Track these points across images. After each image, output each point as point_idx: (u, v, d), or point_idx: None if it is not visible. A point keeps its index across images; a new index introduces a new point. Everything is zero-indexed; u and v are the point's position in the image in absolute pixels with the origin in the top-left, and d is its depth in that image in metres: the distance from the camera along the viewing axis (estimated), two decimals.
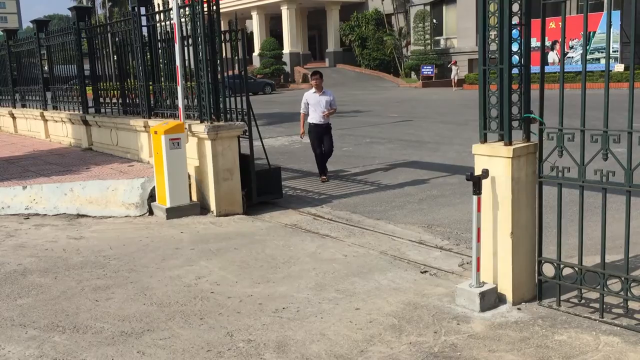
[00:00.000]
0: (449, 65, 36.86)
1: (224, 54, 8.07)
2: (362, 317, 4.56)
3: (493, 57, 4.57)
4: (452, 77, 35.90)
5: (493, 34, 4.53)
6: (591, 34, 29.60)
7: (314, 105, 10.03)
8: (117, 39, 10.65)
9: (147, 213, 8.06)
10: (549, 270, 4.64)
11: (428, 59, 40.60)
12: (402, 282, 5.26)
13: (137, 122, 9.77)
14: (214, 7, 7.84)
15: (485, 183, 4.61)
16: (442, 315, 4.52)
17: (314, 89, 10.11)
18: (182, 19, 8.22)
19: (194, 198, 8.14)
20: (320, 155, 10.12)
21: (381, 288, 5.14)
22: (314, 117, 10.04)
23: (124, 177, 8.70)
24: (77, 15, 11.50)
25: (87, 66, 11.64)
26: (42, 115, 14.38)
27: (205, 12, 7.81)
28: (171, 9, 8.23)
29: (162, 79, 9.34)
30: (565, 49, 4.94)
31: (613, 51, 29.68)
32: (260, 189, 8.26)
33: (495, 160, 4.56)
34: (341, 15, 48.21)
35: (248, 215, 7.92)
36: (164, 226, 7.49)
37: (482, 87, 4.64)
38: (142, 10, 9.29)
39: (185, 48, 8.38)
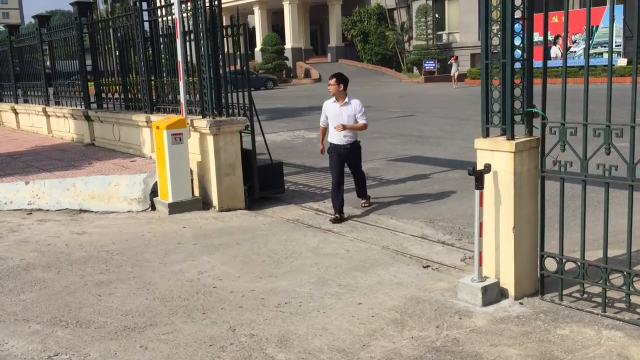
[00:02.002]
0: (449, 62, 36.19)
1: (225, 49, 8.06)
2: (365, 311, 4.56)
3: (495, 51, 4.55)
4: (452, 74, 34.34)
5: (495, 28, 4.51)
6: (594, 29, 29.51)
7: (332, 118, 7.61)
8: (119, 34, 10.64)
9: (150, 208, 8.07)
10: (551, 264, 4.64)
11: (430, 53, 40.48)
12: (404, 277, 5.27)
13: (139, 118, 9.77)
14: (216, 2, 7.83)
15: (488, 178, 4.61)
16: (444, 310, 4.52)
17: (334, 98, 7.67)
18: (184, 14, 8.21)
19: (196, 193, 8.14)
20: (338, 186, 7.53)
21: (383, 283, 5.15)
22: (333, 135, 7.59)
23: (126, 173, 8.71)
24: (79, 11, 11.49)
25: (89, 61, 11.64)
26: (45, 111, 14.38)
27: (207, 7, 7.80)
28: (173, 4, 8.22)
29: (164, 74, 9.33)
30: (568, 44, 4.92)
31: (616, 45, 29.58)
32: (263, 184, 8.26)
33: (497, 154, 4.56)
34: (343, 10, 48.07)
35: (250, 210, 7.92)
36: (166, 221, 7.50)
37: (484, 82, 4.63)
38: (144, 5, 9.29)
39: (187, 43, 8.38)
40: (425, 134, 14.86)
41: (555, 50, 30.92)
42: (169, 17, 8.89)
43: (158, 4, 9.25)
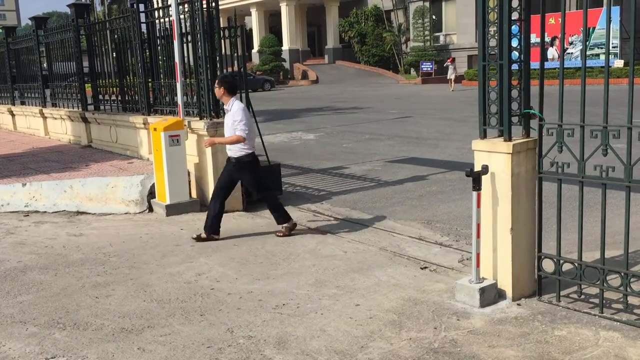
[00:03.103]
0: (445, 64, 35.65)
1: (223, 51, 8.06)
2: (362, 313, 4.56)
3: (493, 53, 4.56)
4: (448, 76, 31.93)
5: (493, 29, 4.52)
6: (591, 30, 29.57)
7: (224, 125, 6.76)
8: (116, 35, 10.64)
9: (147, 210, 8.06)
10: (548, 265, 4.64)
11: (427, 55, 40.56)
12: (402, 278, 5.27)
13: (137, 119, 9.77)
14: (213, 4, 7.83)
15: (485, 179, 4.61)
16: (442, 311, 4.52)
17: None
18: (181, 16, 8.21)
19: (194, 195, 8.13)
20: (215, 205, 6.63)
21: (381, 284, 5.15)
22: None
23: (123, 174, 8.70)
24: (76, 12, 11.49)
25: (86, 63, 11.64)
26: (41, 113, 14.37)
27: (205, 9, 7.80)
28: (170, 5, 8.22)
29: (162, 76, 9.33)
30: (565, 45, 4.94)
31: (612, 47, 29.66)
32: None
33: (494, 156, 4.56)
34: (340, 12, 48.16)
35: (248, 212, 7.92)
36: (164, 223, 7.49)
37: (481, 83, 4.63)
38: (141, 7, 9.28)
39: (185, 45, 8.38)
40: (422, 136, 14.88)
41: (552, 52, 31.00)
42: (167, 19, 8.89)
43: (155, 6, 9.24)
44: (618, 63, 29.19)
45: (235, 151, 6.55)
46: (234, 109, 6.51)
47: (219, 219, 6.67)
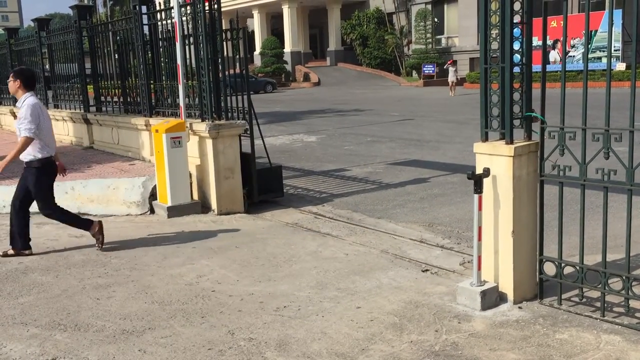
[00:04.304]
0: (445, 67, 35.09)
1: (225, 53, 8.07)
2: (363, 315, 4.56)
3: (494, 55, 4.57)
4: (449, 79, 30.54)
5: (495, 32, 4.53)
6: (592, 33, 29.58)
7: None
8: (118, 37, 10.65)
9: (149, 212, 8.06)
10: (550, 269, 4.64)
11: (429, 57, 40.58)
12: (403, 281, 5.26)
13: (139, 121, 9.78)
14: (215, 6, 7.84)
15: (487, 182, 4.61)
16: (443, 314, 4.52)
17: None
18: (184, 18, 8.22)
19: (195, 197, 8.14)
20: (17, 219, 6.19)
21: (382, 287, 5.15)
22: None
23: (125, 176, 8.70)
24: (78, 14, 11.50)
25: (88, 65, 11.65)
26: None
27: (207, 11, 7.81)
28: (172, 7, 8.23)
29: (164, 78, 9.33)
30: (567, 48, 4.95)
31: (615, 50, 29.66)
32: (262, 187, 8.26)
33: (496, 158, 4.56)
34: (342, 14, 48.20)
35: (249, 214, 7.92)
36: (165, 225, 7.49)
37: (483, 86, 4.63)
38: (144, 8, 9.29)
39: (187, 47, 8.39)
40: (424, 138, 14.88)
41: (554, 55, 31.02)
42: (169, 21, 8.90)
43: (158, 8, 9.26)
44: (620, 66, 29.19)
45: (25, 154, 5.99)
46: (24, 107, 5.84)
47: (27, 233, 6.27)
